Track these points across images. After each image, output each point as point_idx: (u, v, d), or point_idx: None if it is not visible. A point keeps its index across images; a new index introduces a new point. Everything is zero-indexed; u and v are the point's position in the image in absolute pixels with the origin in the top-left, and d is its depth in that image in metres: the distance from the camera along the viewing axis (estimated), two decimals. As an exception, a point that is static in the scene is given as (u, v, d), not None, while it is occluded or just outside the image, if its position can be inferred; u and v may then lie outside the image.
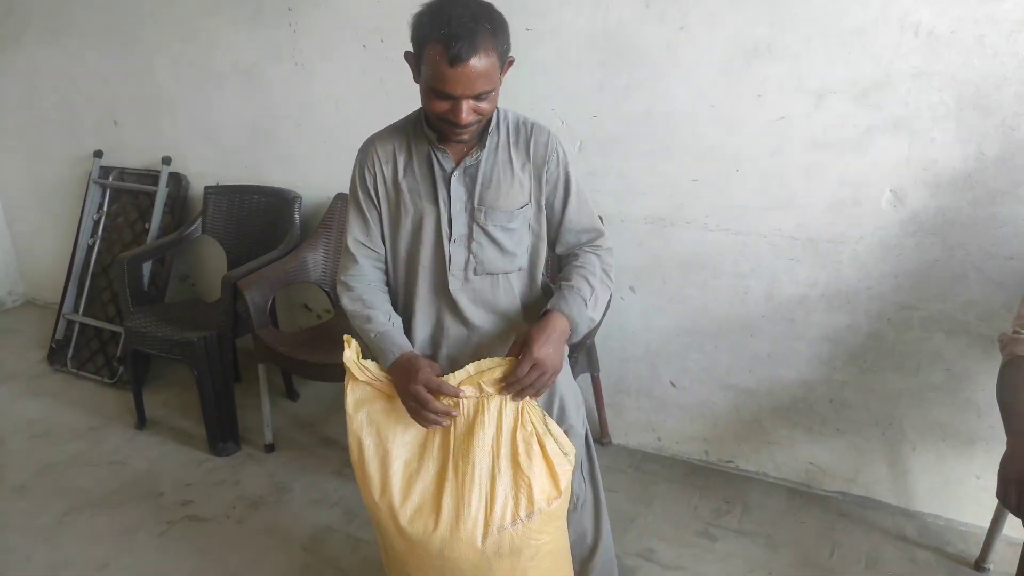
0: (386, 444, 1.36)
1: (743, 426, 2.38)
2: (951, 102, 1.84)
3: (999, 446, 2.00)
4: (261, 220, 2.93)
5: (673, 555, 2.11)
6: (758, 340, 2.26)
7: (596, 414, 2.55)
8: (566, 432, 1.55)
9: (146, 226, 3.16)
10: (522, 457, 1.31)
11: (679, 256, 2.28)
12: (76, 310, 3.31)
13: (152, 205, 3.16)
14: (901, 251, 2.00)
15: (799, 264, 2.13)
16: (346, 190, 2.73)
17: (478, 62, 1.23)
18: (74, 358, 3.25)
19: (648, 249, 2.32)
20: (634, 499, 2.34)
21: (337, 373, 2.42)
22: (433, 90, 1.28)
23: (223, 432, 2.63)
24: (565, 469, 1.35)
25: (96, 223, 3.33)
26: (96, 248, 3.32)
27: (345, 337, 1.41)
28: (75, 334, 3.28)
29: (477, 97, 1.28)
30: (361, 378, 1.37)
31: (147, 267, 3.03)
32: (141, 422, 2.81)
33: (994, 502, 1.95)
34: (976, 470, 2.09)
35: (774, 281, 2.18)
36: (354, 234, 1.50)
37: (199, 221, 3.02)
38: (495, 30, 1.26)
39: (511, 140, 1.44)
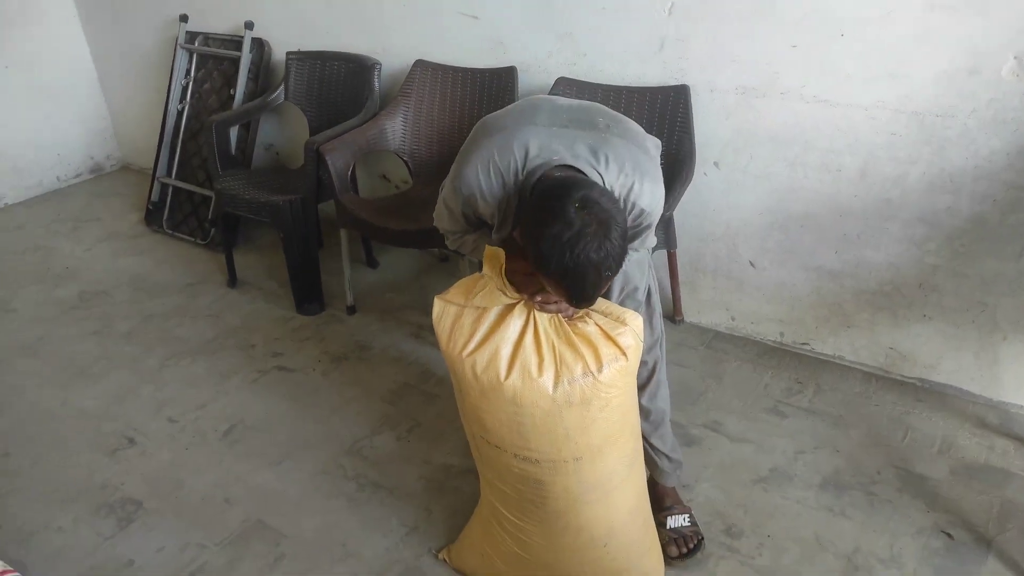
0: (467, 307, 1.39)
1: (823, 309, 2.33)
2: (1099, -46, 1.64)
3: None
4: (342, 87, 2.93)
5: (740, 428, 2.14)
6: (847, 221, 2.17)
7: (670, 292, 2.54)
8: (627, 295, 1.60)
9: (231, 92, 3.20)
10: (578, 328, 1.36)
11: (769, 130, 2.18)
12: (169, 174, 3.45)
13: (236, 71, 3.19)
14: (1018, 126, 1.85)
15: (900, 140, 2.01)
16: (425, 57, 2.71)
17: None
18: (169, 219, 3.42)
19: (736, 122, 2.22)
20: (704, 375, 2.36)
21: (414, 241, 2.49)
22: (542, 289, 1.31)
23: (308, 293, 2.76)
24: (620, 332, 1.36)
25: (184, 89, 3.40)
26: (185, 114, 3.40)
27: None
28: (169, 197, 3.44)
29: None
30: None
31: (234, 132, 3.10)
32: (232, 281, 2.97)
33: (1086, 394, 1.88)
34: (1070, 361, 2.01)
35: (871, 158, 2.07)
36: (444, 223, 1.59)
37: (282, 87, 3.05)
38: (620, 261, 1.24)
39: None
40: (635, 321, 1.39)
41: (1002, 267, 2.01)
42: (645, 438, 1.73)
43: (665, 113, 2.24)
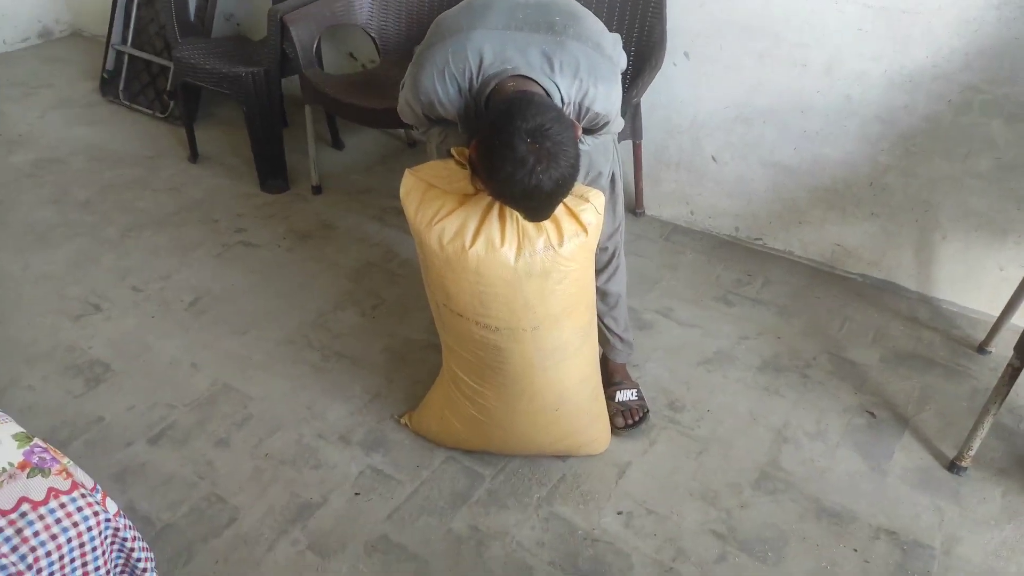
0: (436, 180, 1.42)
1: (777, 204, 2.41)
2: None
3: (1031, 236, 2.03)
4: (307, -45, 2.80)
5: (690, 315, 2.25)
6: (809, 117, 2.21)
7: (633, 185, 2.59)
8: (591, 180, 1.64)
9: (190, -45, 3.04)
10: None
11: (741, 20, 2.17)
12: (124, 41, 3.30)
13: (195, -67, 3.02)
14: (980, 25, 1.89)
15: (867, 36, 2.03)
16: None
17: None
18: (125, 90, 3.31)
19: (709, 10, 2.20)
20: (660, 265, 2.44)
21: (381, 120, 2.47)
22: None
23: (272, 170, 2.74)
24: (583, 208, 1.41)
25: (138, -51, 3.22)
26: (139, -24, 3.23)
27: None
28: (125, 66, 3.31)
29: None
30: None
31: (192, 0, 2.97)
32: (194, 155, 2.92)
33: (1010, 291, 2.01)
34: (1002, 261, 2.13)
35: (837, 53, 2.09)
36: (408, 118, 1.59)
37: (244, -48, 2.90)
38: (572, 182, 1.27)
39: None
40: (597, 199, 1.44)
41: (950, 167, 2.09)
42: (600, 318, 1.82)
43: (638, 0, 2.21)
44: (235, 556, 1.56)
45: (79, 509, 1.09)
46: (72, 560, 1.08)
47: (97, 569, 1.11)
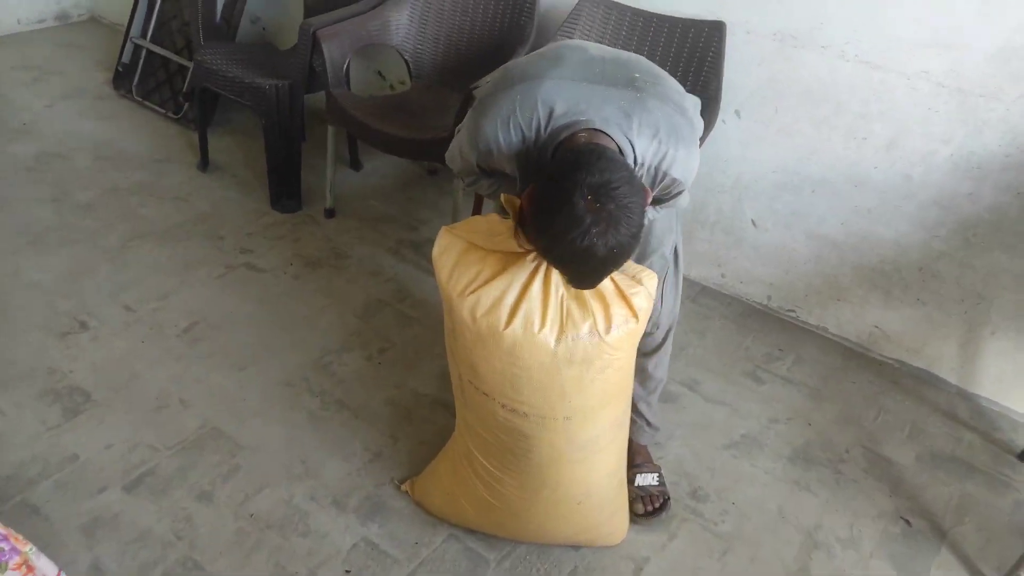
0: (476, 245, 1.29)
1: (817, 278, 2.28)
2: None
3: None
4: (343, -33, 2.67)
5: (717, 389, 2.10)
6: (863, 192, 2.08)
7: (665, 238, 2.45)
8: (651, 256, 1.51)
9: (221, -47, 2.91)
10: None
11: (801, 84, 2.04)
12: (144, 35, 3.16)
13: (228, -70, 2.89)
14: (1061, 120, 1.76)
15: (937, 115, 1.90)
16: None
17: None
18: (139, 85, 3.17)
19: (767, 70, 2.07)
20: (687, 330, 2.30)
21: (409, 149, 2.33)
22: None
23: (286, 188, 2.59)
24: (636, 291, 1.28)
25: (168, -59, 3.09)
26: (166, -31, 3.10)
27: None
28: (141, 61, 3.17)
29: None
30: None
31: (219, 0, 2.84)
32: (204, 163, 2.78)
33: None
34: (1055, 366, 2.00)
35: (903, 130, 1.96)
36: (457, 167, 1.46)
37: (278, -43, 2.77)
38: (630, 253, 1.16)
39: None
40: (651, 281, 1.30)
41: (1010, 262, 1.96)
42: (635, 402, 1.68)
43: (696, 50, 2.08)
44: (208, 634, 1.41)
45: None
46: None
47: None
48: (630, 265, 1.32)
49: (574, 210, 1.08)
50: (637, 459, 1.77)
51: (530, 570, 1.58)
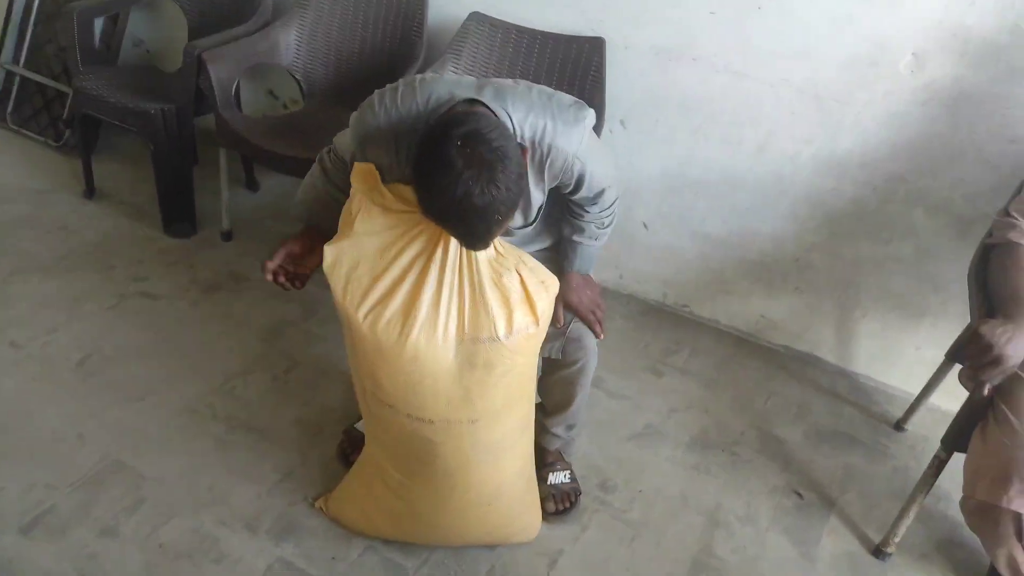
0: (366, 253, 1.30)
1: (706, 274, 2.42)
2: (1001, -35, 1.72)
3: (946, 321, 2.11)
4: (228, -12, 2.64)
5: (619, 385, 2.20)
6: (740, 192, 2.23)
7: (563, 244, 2.54)
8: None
9: (97, -25, 2.82)
10: (504, 279, 1.29)
11: (679, 95, 2.18)
12: (16, 61, 3.02)
13: (103, -49, 2.81)
14: (906, 120, 1.95)
15: (799, 119, 2.07)
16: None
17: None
18: (14, 113, 3.02)
19: (647, 83, 2.20)
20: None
21: (304, 168, 2.32)
22: None
23: (179, 212, 2.53)
24: (542, 299, 1.33)
25: (38, -37, 2.96)
26: (38, -7, 2.97)
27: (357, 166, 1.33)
28: (15, 87, 3.02)
29: None
30: (376, 200, 1.29)
31: (98, 23, 2.75)
32: (90, 191, 2.68)
33: (926, 371, 2.07)
34: (918, 341, 2.19)
35: (771, 134, 2.12)
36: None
37: (159, -21, 2.72)
38: (509, 208, 1.15)
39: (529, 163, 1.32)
40: (554, 286, 1.36)
41: (872, 250, 2.14)
42: (547, 427, 1.74)
43: (579, 64, 2.18)
44: (118, 672, 1.37)
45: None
46: None
47: None
48: (538, 268, 1.36)
49: (446, 156, 1.09)
50: (548, 458, 1.83)
51: (448, 574, 1.61)
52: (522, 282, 1.31)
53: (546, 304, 1.33)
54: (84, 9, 2.55)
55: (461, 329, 1.28)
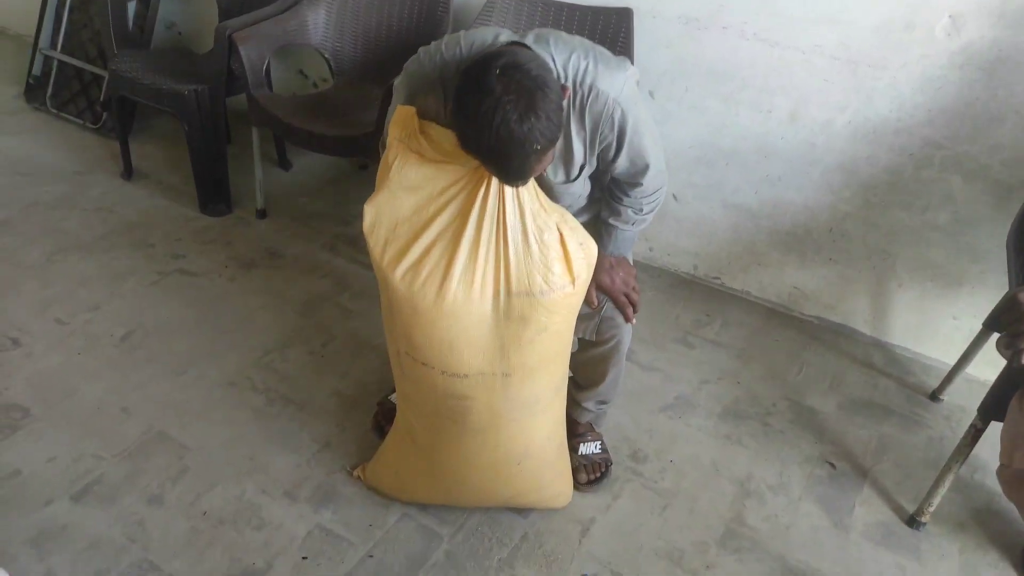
0: (403, 212, 1.31)
1: (737, 245, 2.40)
2: (1045, -80, 1.66)
3: (984, 290, 2.07)
4: (258, -31, 2.66)
5: (651, 357, 2.20)
6: (772, 161, 2.21)
7: (593, 218, 2.54)
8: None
9: (129, -41, 2.86)
10: (544, 235, 1.29)
11: (708, 63, 2.15)
12: (54, 46, 3.08)
13: (135, -65, 2.84)
14: (943, 84, 1.91)
15: (832, 86, 2.03)
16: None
17: (535, 172, 1.20)
18: (53, 97, 3.09)
19: (676, 52, 2.18)
20: (619, 303, 2.39)
21: (336, 147, 2.35)
22: None
23: (214, 192, 2.58)
24: (579, 260, 1.33)
25: (72, -51, 3.01)
26: (72, -22, 3.02)
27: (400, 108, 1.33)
28: (53, 72, 3.09)
29: None
30: (413, 147, 1.30)
31: (131, 7, 2.79)
32: (128, 172, 2.74)
33: (963, 341, 2.04)
34: (955, 311, 2.16)
35: (803, 101, 2.09)
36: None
37: (189, -39, 2.75)
38: (548, 139, 1.14)
39: (569, 107, 1.31)
40: (593, 250, 1.36)
41: (908, 219, 2.11)
42: (578, 400, 1.76)
43: (606, 36, 2.17)
44: (168, 631, 1.43)
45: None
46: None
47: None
48: (578, 229, 1.35)
49: (486, 84, 1.10)
50: (579, 428, 1.85)
51: (482, 540, 1.64)
52: (562, 241, 1.30)
53: (584, 266, 1.33)
54: (118, -8, 2.60)
55: (498, 282, 1.28)
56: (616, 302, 1.59)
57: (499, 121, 1.09)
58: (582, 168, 1.44)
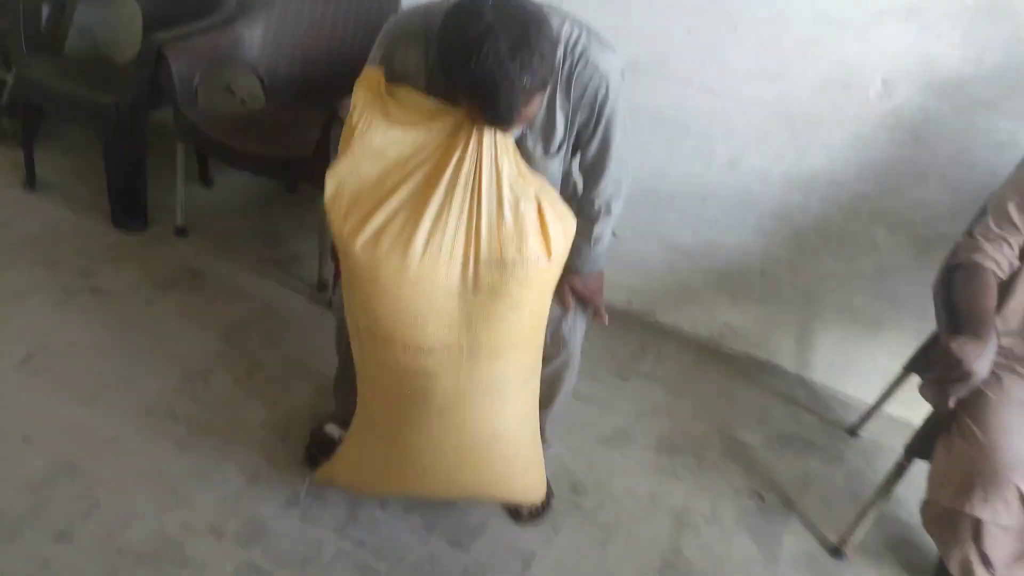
0: (367, 181, 1.26)
1: (671, 282, 2.46)
2: (969, 0, 1.81)
3: (900, 335, 2.18)
4: (189, -22, 2.56)
5: (588, 389, 2.19)
6: (710, 205, 2.28)
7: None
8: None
9: (44, -42, 2.69)
10: (520, 204, 1.26)
11: (652, 109, 2.21)
12: (-51, 44, 2.84)
13: (50, -68, 2.68)
14: (873, 142, 2.03)
15: (771, 137, 2.12)
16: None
17: (523, 116, 1.15)
18: (-55, 99, 2.84)
19: (623, 94, 2.22)
20: (555, 336, 2.39)
21: (271, 167, 2.27)
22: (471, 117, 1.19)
23: (130, 207, 2.43)
24: (557, 234, 1.28)
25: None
26: (-25, -28, 2.81)
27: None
28: (-53, 72, 2.84)
29: None
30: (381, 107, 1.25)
31: (44, 8, 2.62)
32: (31, 182, 2.54)
33: (880, 380, 2.15)
34: (874, 352, 2.27)
35: (742, 150, 2.17)
36: None
37: (113, -35, 2.61)
38: (535, 73, 1.09)
39: (556, 71, 1.29)
40: (571, 224, 1.33)
41: (835, 265, 2.22)
42: None
43: (553, 70, 2.20)
44: None
45: None
46: None
47: None
48: (557, 202, 1.32)
49: (478, 10, 1.07)
50: (521, 462, 1.82)
51: (421, 574, 1.57)
52: (540, 211, 1.27)
53: (561, 240, 1.29)
54: (31, -8, 2.43)
55: (468, 249, 1.24)
56: (592, 303, 1.61)
57: (488, 49, 1.05)
58: (561, 144, 1.41)
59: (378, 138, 1.25)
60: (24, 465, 1.62)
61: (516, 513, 1.75)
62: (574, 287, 1.58)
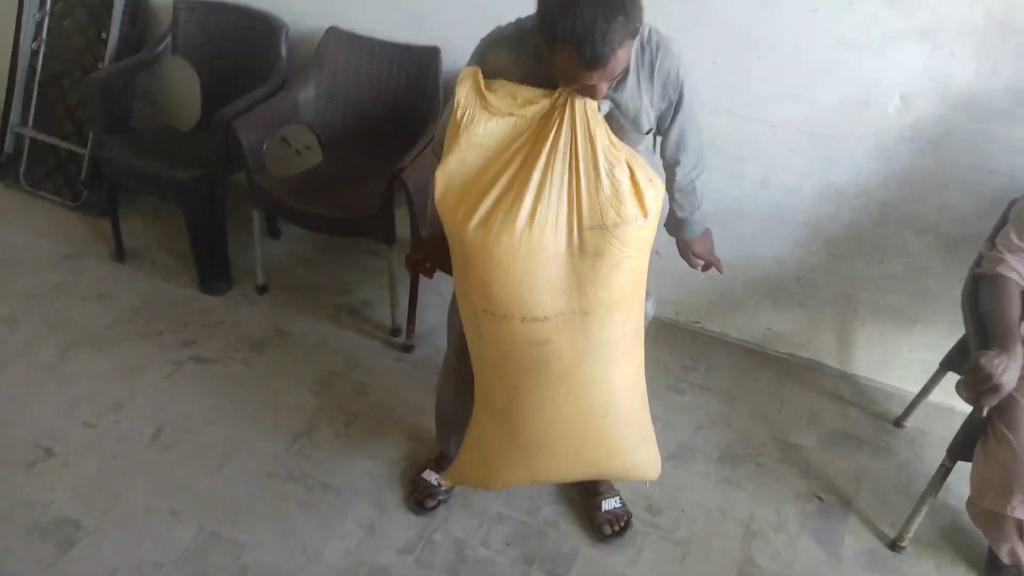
0: (472, 169, 1.39)
1: (715, 294, 2.62)
2: (980, 18, 1.90)
3: (936, 328, 2.33)
4: (240, 46, 2.71)
5: (650, 406, 2.39)
6: (745, 221, 2.42)
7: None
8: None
9: (102, 35, 2.87)
10: (615, 170, 1.37)
11: (685, 136, 2.34)
12: (25, 123, 3.06)
13: (103, 8, 2.85)
14: (895, 154, 2.15)
15: (798, 155, 2.25)
16: (339, 23, 2.57)
17: (616, 58, 1.24)
18: (27, 174, 3.07)
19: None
20: (612, 353, 2.57)
21: (337, 228, 2.45)
22: (567, 77, 1.29)
23: (214, 270, 2.64)
24: (651, 194, 1.41)
25: (39, 24, 2.99)
26: (41, 53, 3.00)
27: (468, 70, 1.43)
28: (26, 149, 3.07)
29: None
30: (483, 104, 1.39)
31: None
32: (120, 253, 2.76)
33: (919, 369, 2.31)
34: (911, 345, 2.42)
35: (772, 168, 2.30)
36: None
37: (169, 38, 2.77)
38: (629, 17, 1.22)
39: (639, 63, 1.46)
40: (661, 188, 1.46)
41: (867, 268, 2.36)
42: None
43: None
44: None
45: None
46: None
47: None
48: (646, 167, 1.45)
49: None
50: (601, 487, 2.02)
51: (528, 607, 1.80)
52: (632, 175, 1.38)
53: (654, 200, 1.42)
54: (103, 78, 2.62)
55: (571, 217, 1.37)
56: (712, 262, 1.94)
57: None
58: (649, 129, 1.58)
59: (481, 129, 1.38)
60: (176, 538, 1.87)
61: (601, 532, 1.96)
62: (695, 251, 1.90)
